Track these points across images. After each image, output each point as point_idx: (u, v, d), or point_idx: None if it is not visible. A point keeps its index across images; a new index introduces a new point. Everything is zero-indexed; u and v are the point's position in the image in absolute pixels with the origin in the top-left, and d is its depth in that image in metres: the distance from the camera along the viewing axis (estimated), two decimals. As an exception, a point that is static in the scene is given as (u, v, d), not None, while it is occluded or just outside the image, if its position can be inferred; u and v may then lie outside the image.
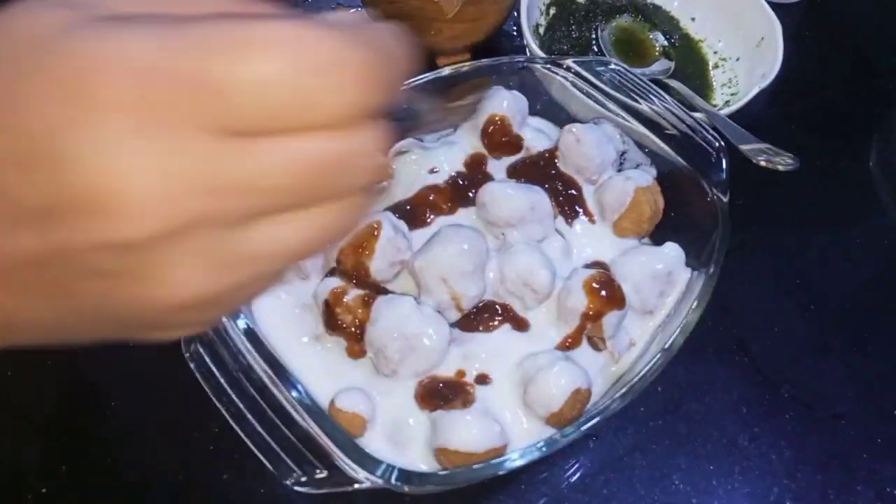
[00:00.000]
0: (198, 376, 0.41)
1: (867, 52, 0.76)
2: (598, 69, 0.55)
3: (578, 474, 0.50)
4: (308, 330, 0.46)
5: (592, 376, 0.44)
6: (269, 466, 0.38)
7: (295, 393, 0.39)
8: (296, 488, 0.38)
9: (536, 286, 0.46)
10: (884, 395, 0.55)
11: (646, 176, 0.51)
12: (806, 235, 0.62)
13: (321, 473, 0.38)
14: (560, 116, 0.56)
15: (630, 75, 0.55)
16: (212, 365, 0.41)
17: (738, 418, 0.53)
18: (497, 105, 0.52)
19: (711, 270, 0.46)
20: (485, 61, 0.56)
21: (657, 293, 0.48)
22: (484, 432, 0.41)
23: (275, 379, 0.40)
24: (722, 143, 0.51)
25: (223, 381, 0.40)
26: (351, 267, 0.46)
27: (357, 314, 0.44)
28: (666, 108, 0.53)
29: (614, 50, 0.70)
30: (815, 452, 0.52)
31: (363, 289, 0.45)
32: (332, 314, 0.45)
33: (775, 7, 0.67)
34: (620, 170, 0.54)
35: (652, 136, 0.53)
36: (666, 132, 0.52)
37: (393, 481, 0.38)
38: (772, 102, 0.66)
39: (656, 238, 0.52)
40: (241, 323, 0.41)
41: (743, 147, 0.58)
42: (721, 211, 0.48)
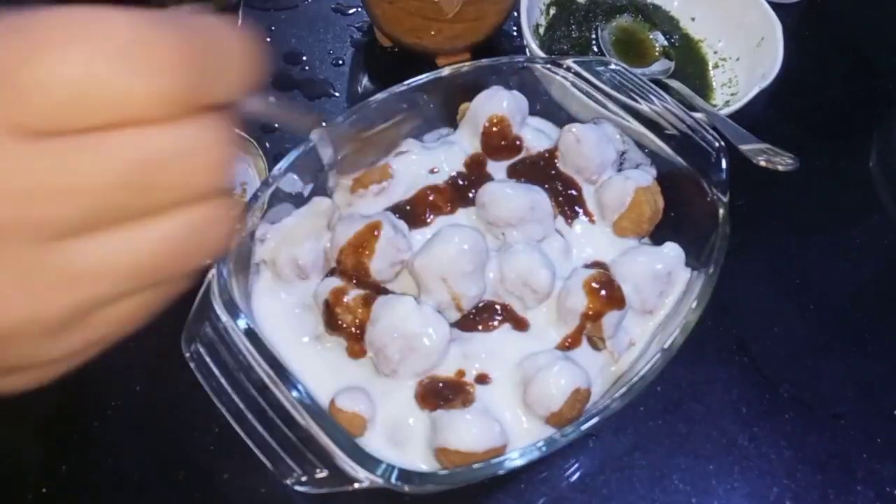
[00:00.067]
0: (198, 376, 0.41)
1: (867, 52, 0.76)
2: (598, 69, 0.55)
3: (578, 474, 0.50)
4: (308, 330, 0.46)
5: (592, 376, 0.44)
6: (270, 466, 0.38)
7: (295, 393, 0.39)
8: (296, 488, 0.38)
9: (536, 286, 0.46)
10: (884, 395, 0.55)
11: (646, 176, 0.51)
12: (806, 235, 0.62)
13: (321, 473, 0.38)
14: (560, 116, 0.56)
15: (630, 75, 0.55)
16: (212, 365, 0.41)
17: (738, 418, 0.53)
18: (497, 105, 0.52)
19: (711, 270, 0.46)
20: (485, 61, 0.56)
21: (657, 293, 0.48)
22: (484, 432, 0.41)
23: (275, 379, 0.40)
24: (722, 144, 0.51)
25: (223, 381, 0.40)
26: (351, 267, 0.46)
27: (357, 314, 0.44)
28: (666, 108, 0.53)
29: (614, 50, 0.70)
30: (815, 452, 0.52)
31: (363, 289, 0.45)
32: (333, 314, 0.45)
33: (775, 7, 0.67)
34: (620, 170, 0.54)
35: (652, 136, 0.53)
36: (666, 132, 0.52)
37: (393, 481, 0.38)
38: (772, 102, 0.66)
39: (656, 238, 0.52)
40: (242, 323, 0.41)
41: (743, 147, 0.58)
42: (721, 211, 0.48)
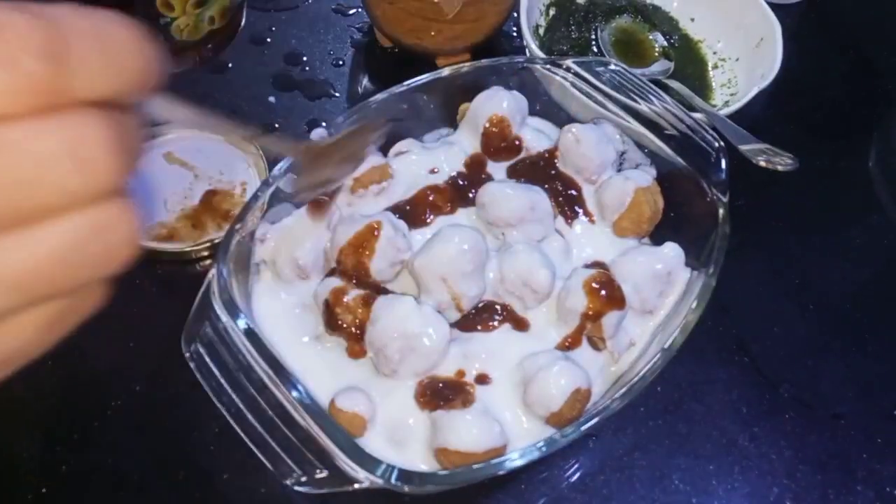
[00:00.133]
0: (198, 376, 0.41)
1: (867, 52, 0.76)
2: (598, 69, 0.55)
3: (578, 474, 0.50)
4: (308, 330, 0.46)
5: (592, 376, 0.44)
6: (270, 466, 0.38)
7: (295, 393, 0.39)
8: (296, 488, 0.38)
9: (536, 286, 0.46)
10: (884, 395, 0.55)
11: (646, 176, 0.51)
12: (806, 235, 0.62)
13: (321, 473, 0.38)
14: (560, 117, 0.56)
15: (629, 76, 0.55)
16: (212, 365, 0.41)
17: (738, 418, 0.53)
18: (497, 105, 0.52)
19: (711, 270, 0.46)
20: (485, 62, 0.56)
21: (657, 293, 0.48)
22: (484, 432, 0.41)
23: (275, 379, 0.40)
24: (721, 144, 0.51)
25: (223, 381, 0.40)
26: (351, 267, 0.46)
27: (357, 314, 0.44)
28: (665, 109, 0.53)
29: (614, 50, 0.70)
30: (815, 452, 0.52)
31: (363, 289, 0.45)
32: (333, 314, 0.45)
33: (775, 7, 0.67)
34: (620, 170, 0.54)
35: (651, 137, 0.53)
36: (665, 132, 0.52)
37: (393, 481, 0.38)
38: (771, 102, 0.66)
39: (656, 238, 0.52)
40: (241, 323, 0.41)
41: (742, 147, 0.58)
42: (721, 211, 0.48)
